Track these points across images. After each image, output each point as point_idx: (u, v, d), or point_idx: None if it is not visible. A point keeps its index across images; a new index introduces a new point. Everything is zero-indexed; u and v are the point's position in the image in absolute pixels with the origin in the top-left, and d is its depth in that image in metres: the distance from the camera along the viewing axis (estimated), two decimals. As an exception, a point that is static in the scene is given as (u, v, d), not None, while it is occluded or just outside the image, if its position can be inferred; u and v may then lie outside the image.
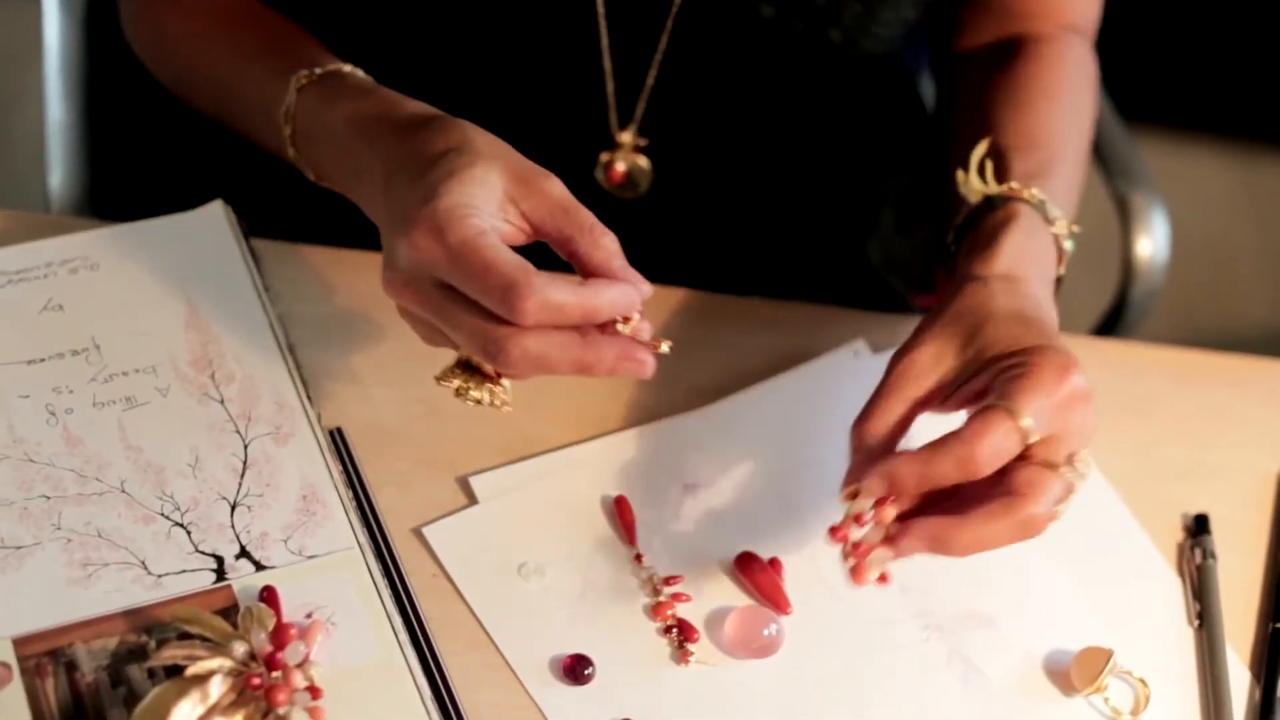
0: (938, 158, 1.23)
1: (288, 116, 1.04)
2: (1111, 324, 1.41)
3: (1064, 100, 1.18)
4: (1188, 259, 2.49)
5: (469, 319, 0.87)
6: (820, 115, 1.25)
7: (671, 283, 1.14)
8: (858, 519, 0.92)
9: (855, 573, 0.92)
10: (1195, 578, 1.06)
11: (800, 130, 1.25)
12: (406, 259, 0.88)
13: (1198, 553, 1.07)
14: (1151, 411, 1.15)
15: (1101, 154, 1.45)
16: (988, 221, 1.05)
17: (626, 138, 1.18)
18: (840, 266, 1.34)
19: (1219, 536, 1.08)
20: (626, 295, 0.89)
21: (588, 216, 0.90)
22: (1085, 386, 0.92)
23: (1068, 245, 1.07)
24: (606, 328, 0.89)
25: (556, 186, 0.91)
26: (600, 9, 1.12)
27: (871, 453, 0.93)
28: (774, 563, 1.02)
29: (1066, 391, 0.91)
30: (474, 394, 0.91)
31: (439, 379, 0.92)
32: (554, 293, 0.85)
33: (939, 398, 0.95)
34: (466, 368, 0.92)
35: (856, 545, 0.92)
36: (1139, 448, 1.12)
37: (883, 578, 0.92)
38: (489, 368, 0.91)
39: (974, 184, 1.08)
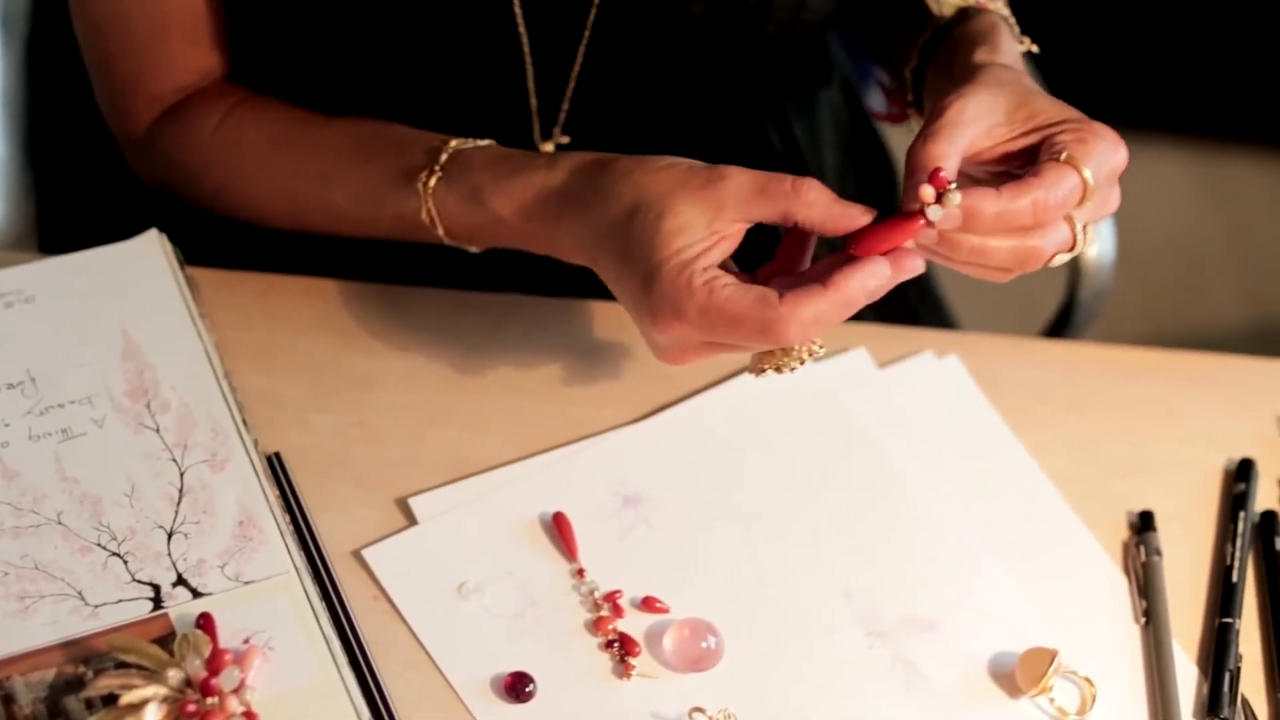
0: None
1: (432, 218, 1.05)
2: (1062, 325, 1.41)
3: None
4: (1152, 259, 2.49)
5: (746, 344, 0.93)
6: (745, 102, 1.25)
7: (590, 293, 1.12)
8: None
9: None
10: (1141, 575, 1.06)
11: (726, 119, 1.24)
12: (667, 341, 0.94)
13: (1143, 550, 1.07)
14: (1093, 409, 1.14)
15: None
16: (971, 26, 1.06)
17: (549, 147, 1.17)
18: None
19: (1164, 533, 1.07)
20: (877, 274, 0.91)
21: (779, 185, 0.92)
22: (1125, 164, 0.96)
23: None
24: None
25: (731, 181, 0.93)
26: (519, 14, 1.10)
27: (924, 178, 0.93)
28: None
29: (1117, 161, 0.95)
30: (791, 362, 0.95)
31: (753, 371, 0.96)
32: (806, 311, 0.89)
33: (984, 145, 0.96)
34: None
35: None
36: (1082, 445, 1.12)
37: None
38: None
39: None
